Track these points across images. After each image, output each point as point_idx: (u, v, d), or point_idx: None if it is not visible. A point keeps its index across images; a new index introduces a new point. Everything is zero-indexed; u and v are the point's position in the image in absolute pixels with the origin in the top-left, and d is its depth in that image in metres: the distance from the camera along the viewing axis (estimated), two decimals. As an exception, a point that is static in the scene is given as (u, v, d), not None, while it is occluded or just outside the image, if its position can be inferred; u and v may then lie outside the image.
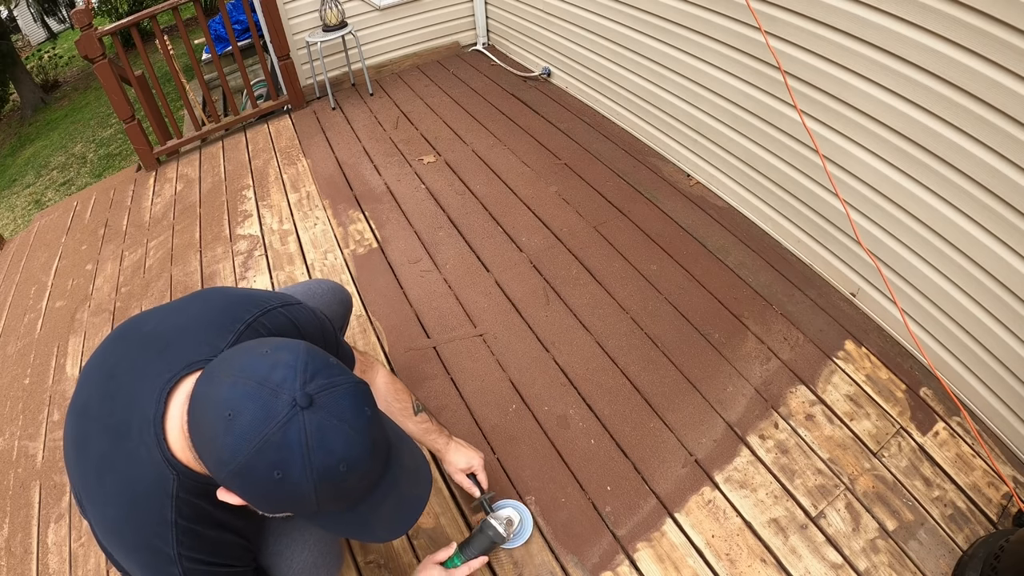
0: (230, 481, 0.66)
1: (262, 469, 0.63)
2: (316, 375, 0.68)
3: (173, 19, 3.19)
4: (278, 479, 0.64)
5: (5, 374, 2.16)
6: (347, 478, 0.67)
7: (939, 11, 1.40)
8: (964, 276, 1.59)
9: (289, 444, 0.63)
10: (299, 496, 0.66)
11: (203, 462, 0.69)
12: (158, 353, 0.82)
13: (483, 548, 1.32)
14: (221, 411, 0.64)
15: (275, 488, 0.64)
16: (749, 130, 2.15)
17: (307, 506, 0.68)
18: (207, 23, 3.17)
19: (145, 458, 0.76)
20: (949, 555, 1.39)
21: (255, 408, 0.63)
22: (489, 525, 1.33)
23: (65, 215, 3.08)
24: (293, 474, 0.63)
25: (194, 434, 0.70)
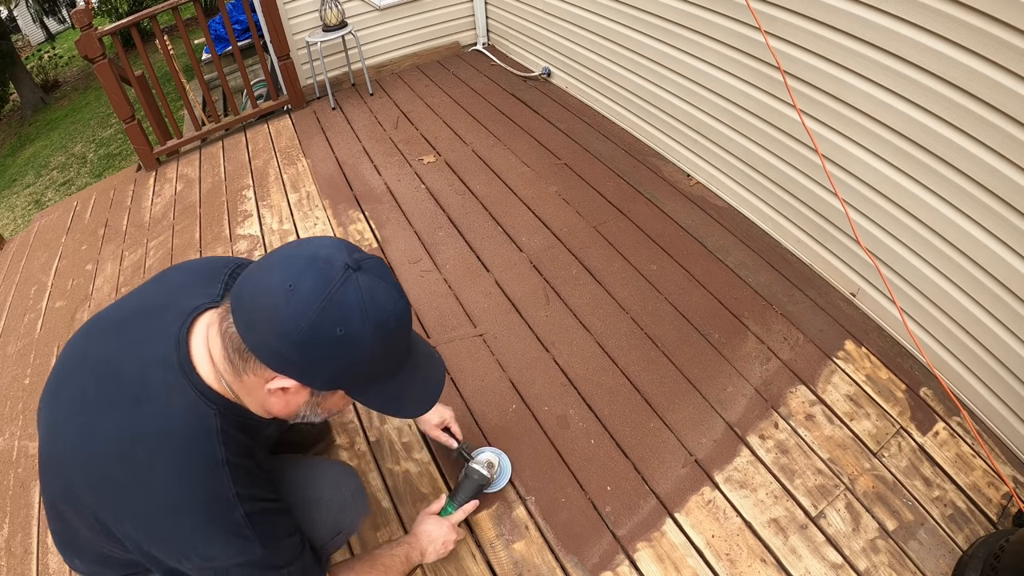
0: (293, 352, 0.69)
1: (326, 328, 0.68)
2: (354, 250, 0.74)
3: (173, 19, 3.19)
4: (341, 336, 0.69)
5: (5, 374, 2.16)
6: (395, 334, 0.75)
7: (939, 11, 1.40)
8: (964, 276, 1.59)
9: (348, 302, 0.68)
10: (358, 355, 0.71)
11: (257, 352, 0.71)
12: (154, 319, 0.83)
13: (471, 492, 1.41)
14: (280, 287, 0.68)
15: (338, 347, 0.69)
16: (749, 130, 2.15)
17: (362, 369, 0.74)
18: (207, 23, 3.17)
19: (178, 406, 0.76)
20: (949, 555, 1.39)
21: (314, 275, 0.68)
22: (472, 470, 1.42)
23: (65, 215, 3.08)
24: (354, 328, 0.69)
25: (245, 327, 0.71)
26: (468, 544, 1.45)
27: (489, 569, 1.40)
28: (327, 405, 0.82)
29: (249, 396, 0.79)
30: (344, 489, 1.10)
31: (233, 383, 0.78)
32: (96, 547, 0.88)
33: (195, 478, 0.76)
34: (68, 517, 0.85)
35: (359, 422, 1.74)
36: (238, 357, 0.74)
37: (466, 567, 1.41)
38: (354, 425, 1.73)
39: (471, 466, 1.43)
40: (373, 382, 0.78)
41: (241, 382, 0.77)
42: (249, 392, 0.78)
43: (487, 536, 1.46)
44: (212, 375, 0.78)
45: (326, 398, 0.80)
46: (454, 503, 1.38)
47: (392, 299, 0.73)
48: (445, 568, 1.41)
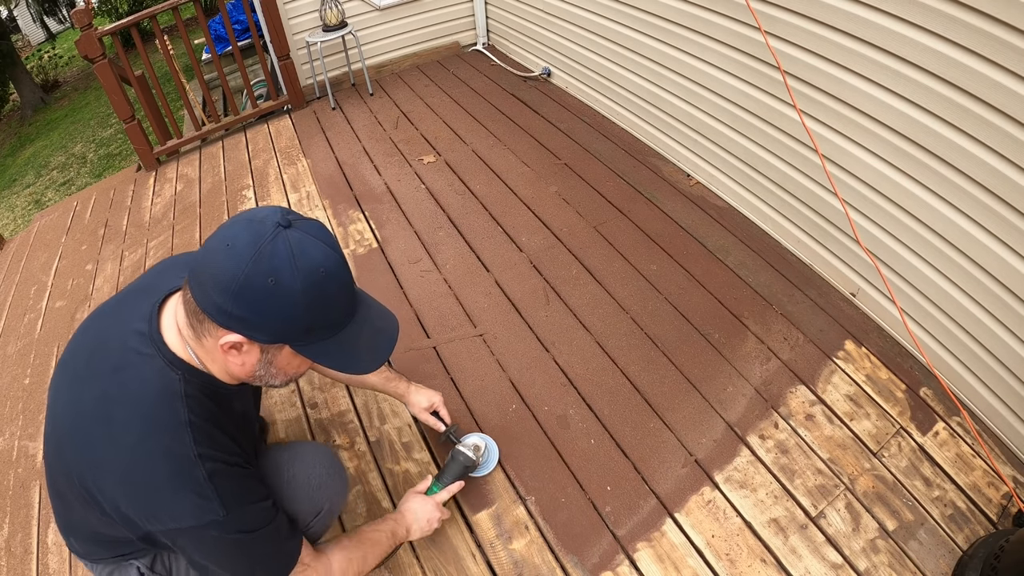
0: (233, 306, 0.75)
1: (259, 278, 0.74)
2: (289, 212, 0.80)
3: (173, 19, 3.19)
4: (272, 286, 0.74)
5: (5, 374, 2.16)
6: (326, 284, 0.78)
7: (939, 11, 1.40)
8: (964, 276, 1.59)
9: (278, 253, 0.74)
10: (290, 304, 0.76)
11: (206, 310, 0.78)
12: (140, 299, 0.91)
13: (457, 474, 1.42)
14: (220, 246, 0.76)
15: (270, 297, 0.75)
16: (749, 130, 2.15)
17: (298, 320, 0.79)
18: (207, 23, 3.17)
19: (148, 371, 0.83)
20: (949, 555, 1.39)
21: (248, 234, 0.75)
22: (459, 452, 1.44)
23: (65, 215, 3.08)
24: (284, 278, 0.74)
25: (197, 289, 0.78)
26: (468, 544, 1.45)
27: (489, 569, 1.40)
28: (279, 363, 0.86)
29: (212, 361, 0.86)
30: (319, 467, 1.13)
31: (197, 350, 0.85)
32: (88, 524, 0.93)
33: (160, 437, 0.81)
34: (64, 491, 0.92)
35: (359, 422, 1.74)
36: (196, 320, 0.81)
37: (466, 567, 1.41)
38: (354, 425, 1.73)
39: (458, 448, 1.45)
40: (314, 336, 0.82)
41: (203, 347, 0.84)
42: (211, 356, 0.85)
43: (487, 536, 1.46)
44: (179, 344, 0.85)
45: (275, 355, 0.84)
46: (440, 483, 1.40)
47: (322, 252, 0.78)
48: (445, 568, 1.41)
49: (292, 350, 0.84)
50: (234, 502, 0.84)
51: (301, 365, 0.89)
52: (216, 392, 0.88)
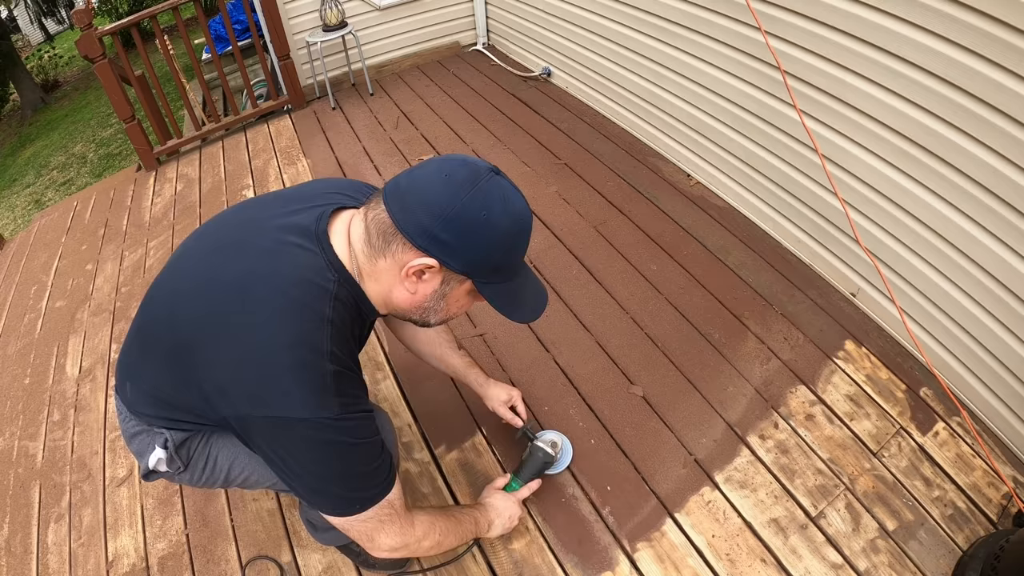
0: (441, 229, 0.78)
1: (474, 210, 0.78)
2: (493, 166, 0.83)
3: (173, 19, 3.19)
4: (484, 219, 0.78)
5: (5, 374, 2.16)
6: (523, 232, 0.84)
7: (939, 11, 1.40)
8: (964, 276, 1.59)
9: (493, 193, 0.79)
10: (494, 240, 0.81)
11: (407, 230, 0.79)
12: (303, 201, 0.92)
13: (536, 470, 1.44)
14: (437, 175, 0.79)
15: (480, 228, 0.79)
16: (749, 130, 2.15)
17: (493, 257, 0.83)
18: (207, 23, 3.17)
19: (305, 264, 0.84)
20: (949, 555, 1.39)
21: (466, 170, 0.80)
22: (538, 448, 1.45)
23: (65, 215, 3.08)
24: (495, 215, 0.79)
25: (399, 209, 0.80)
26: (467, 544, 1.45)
27: (489, 569, 1.40)
28: (451, 298, 0.88)
29: (376, 283, 0.86)
30: None
31: (365, 266, 0.86)
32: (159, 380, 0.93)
33: (300, 324, 0.81)
34: (155, 342, 0.92)
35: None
36: (382, 240, 0.82)
37: (466, 567, 1.41)
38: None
39: (536, 444, 1.46)
40: (496, 276, 0.86)
41: (374, 267, 0.84)
42: (378, 278, 0.86)
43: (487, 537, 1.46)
44: (345, 253, 0.86)
45: (453, 288, 0.86)
46: (519, 479, 1.40)
47: (523, 202, 0.84)
48: (445, 568, 1.41)
49: (471, 286, 0.87)
50: (349, 406, 0.83)
51: (464, 306, 0.93)
52: (360, 309, 0.89)
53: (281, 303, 0.81)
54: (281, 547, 1.48)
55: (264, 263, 0.84)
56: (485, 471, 1.59)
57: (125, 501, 1.65)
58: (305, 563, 1.44)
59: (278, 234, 0.86)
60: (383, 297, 0.88)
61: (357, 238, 0.85)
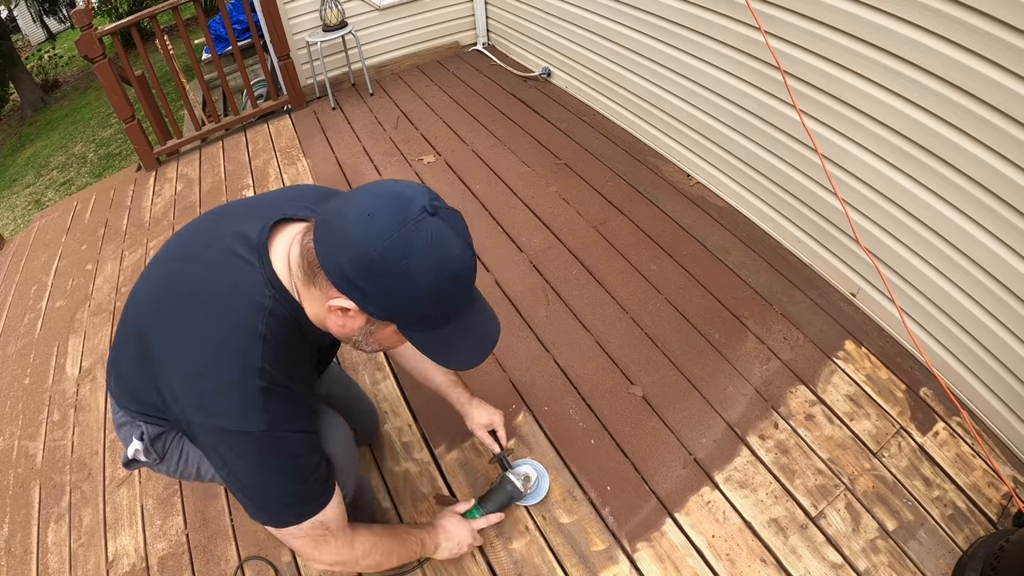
0: (358, 276, 0.75)
1: (392, 259, 0.72)
2: (436, 198, 0.77)
3: (173, 19, 3.19)
4: (403, 269, 0.73)
5: (5, 374, 2.16)
6: (453, 283, 0.78)
7: (939, 11, 1.40)
8: (964, 276, 1.59)
9: (417, 240, 0.73)
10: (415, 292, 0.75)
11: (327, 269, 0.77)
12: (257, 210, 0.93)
13: (501, 502, 1.40)
14: (361, 213, 0.74)
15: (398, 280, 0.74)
16: (749, 130, 2.15)
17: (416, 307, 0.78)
18: (207, 23, 3.17)
19: (246, 275, 0.85)
20: (949, 555, 1.39)
21: (393, 211, 0.73)
22: (507, 480, 1.41)
23: (65, 215, 3.08)
24: (415, 266, 0.73)
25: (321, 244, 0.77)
26: (468, 544, 1.45)
27: (489, 569, 1.40)
28: (379, 336, 0.86)
29: (311, 304, 0.86)
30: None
31: (301, 288, 0.85)
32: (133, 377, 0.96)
33: (234, 339, 0.83)
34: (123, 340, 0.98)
35: (359, 422, 1.74)
36: (310, 270, 0.81)
37: (466, 567, 1.41)
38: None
39: (507, 475, 1.42)
40: (424, 324, 0.83)
41: (308, 292, 0.84)
42: (312, 301, 0.85)
43: (487, 536, 1.46)
44: (284, 271, 0.86)
45: (379, 329, 0.84)
46: (481, 508, 1.38)
47: (459, 249, 0.76)
48: (445, 568, 1.41)
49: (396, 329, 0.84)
50: (279, 423, 0.84)
51: (397, 342, 0.90)
52: (298, 324, 0.89)
53: (218, 318, 0.84)
54: (281, 547, 1.48)
55: (210, 275, 0.87)
56: (485, 471, 1.59)
57: (125, 501, 1.65)
58: (305, 563, 1.44)
59: (228, 243, 0.88)
60: (318, 319, 0.88)
61: (293, 260, 0.85)
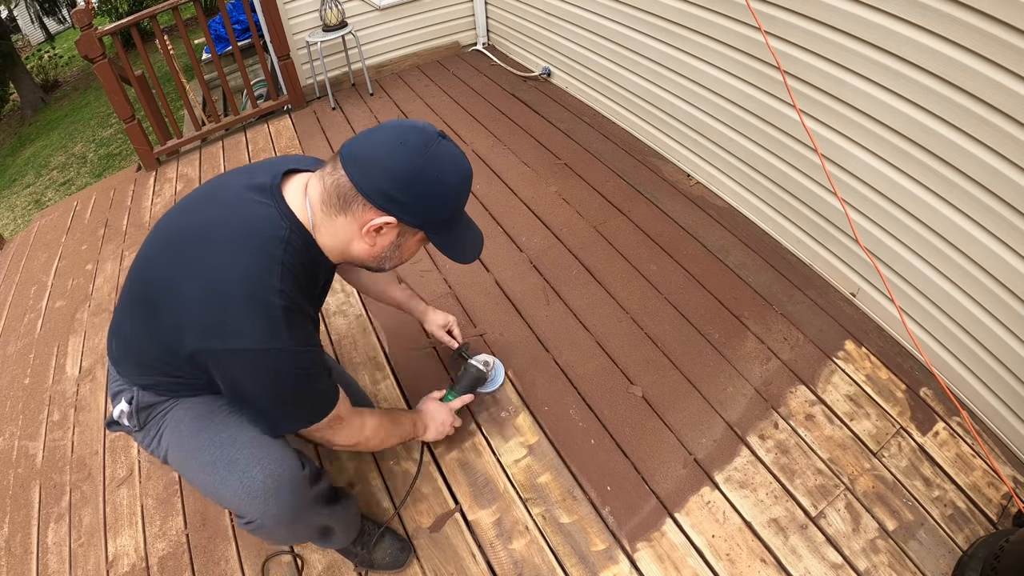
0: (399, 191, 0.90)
1: (428, 172, 0.91)
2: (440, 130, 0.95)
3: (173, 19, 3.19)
4: (437, 178, 0.92)
5: (5, 374, 2.16)
6: (467, 187, 0.99)
7: (939, 11, 1.40)
8: (964, 276, 1.59)
9: (443, 156, 0.92)
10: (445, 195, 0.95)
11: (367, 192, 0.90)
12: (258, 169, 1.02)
13: (469, 384, 1.60)
14: (393, 142, 0.90)
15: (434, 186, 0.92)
16: (749, 130, 2.15)
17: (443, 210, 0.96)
18: (207, 23, 3.17)
19: (259, 211, 0.93)
20: (949, 555, 1.39)
21: (418, 136, 0.91)
22: (471, 365, 1.62)
23: (65, 215, 3.08)
24: (446, 174, 0.93)
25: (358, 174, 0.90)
26: (468, 544, 1.45)
27: (489, 569, 1.41)
28: (404, 248, 1.02)
29: (332, 236, 0.97)
30: None
31: (321, 222, 0.96)
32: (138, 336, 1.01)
33: (253, 264, 0.89)
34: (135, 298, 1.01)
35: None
36: (341, 201, 0.92)
37: (466, 567, 1.41)
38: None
39: (470, 362, 1.63)
40: (446, 227, 1.00)
41: (333, 223, 0.95)
42: (335, 233, 0.96)
43: (487, 536, 1.46)
44: (299, 206, 0.96)
45: (407, 240, 0.99)
46: (454, 392, 1.56)
47: (466, 161, 0.97)
48: (445, 568, 1.41)
49: (423, 236, 1.00)
50: (298, 339, 0.92)
51: (414, 252, 1.07)
52: (312, 256, 0.98)
53: (237, 246, 0.90)
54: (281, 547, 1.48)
55: (224, 214, 0.94)
56: (484, 471, 1.59)
57: (125, 501, 1.65)
58: (305, 562, 1.44)
59: (238, 192, 0.96)
60: (339, 249, 0.99)
61: (315, 197, 0.95)
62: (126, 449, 1.77)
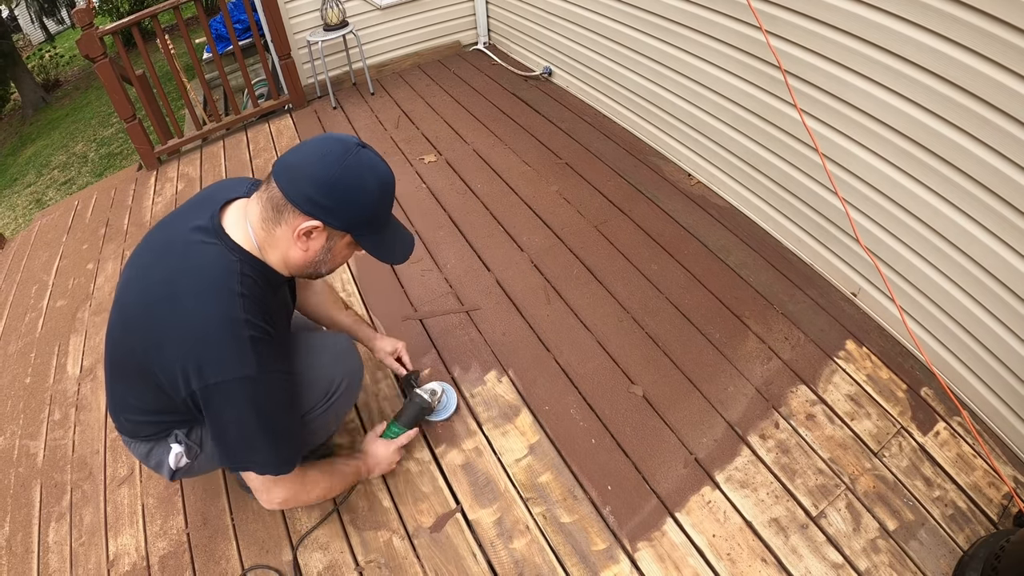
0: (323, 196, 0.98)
1: (348, 178, 0.99)
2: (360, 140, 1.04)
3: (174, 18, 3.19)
4: (356, 184, 1.00)
5: (6, 373, 2.16)
6: (388, 192, 1.06)
7: (940, 10, 1.40)
8: (964, 275, 1.58)
9: (362, 163, 1.01)
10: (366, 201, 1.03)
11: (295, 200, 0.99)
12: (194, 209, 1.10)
13: (413, 416, 1.55)
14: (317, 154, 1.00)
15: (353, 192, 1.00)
16: (750, 129, 2.15)
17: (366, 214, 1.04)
18: (208, 22, 3.17)
19: (210, 254, 1.02)
20: (950, 555, 1.39)
21: (339, 147, 1.00)
22: (417, 395, 1.56)
23: (66, 214, 3.08)
24: (365, 181, 1.01)
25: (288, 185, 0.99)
26: (469, 543, 1.45)
27: (490, 569, 1.41)
28: (335, 251, 1.09)
29: (275, 249, 1.05)
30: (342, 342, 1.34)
31: (264, 239, 1.05)
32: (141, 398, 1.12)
33: (217, 302, 0.99)
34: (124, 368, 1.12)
35: (359, 422, 1.74)
36: (275, 212, 1.01)
37: (466, 567, 1.41)
38: (355, 425, 1.73)
39: (416, 392, 1.57)
40: (371, 228, 1.07)
41: (272, 236, 1.04)
42: (276, 245, 1.05)
43: (487, 536, 1.46)
44: (241, 236, 1.05)
45: (336, 243, 1.07)
46: (398, 425, 1.53)
47: (386, 168, 1.05)
48: (445, 568, 1.41)
49: (351, 239, 1.07)
50: (267, 365, 1.02)
51: (347, 256, 1.13)
52: (267, 277, 1.07)
53: (201, 290, 1.00)
54: (282, 547, 1.48)
55: (182, 262, 1.03)
56: (485, 471, 1.59)
57: (126, 500, 1.65)
58: (305, 563, 1.45)
59: (184, 240, 1.04)
60: (283, 261, 1.07)
61: (254, 219, 1.04)
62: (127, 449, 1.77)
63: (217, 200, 1.09)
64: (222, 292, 1.00)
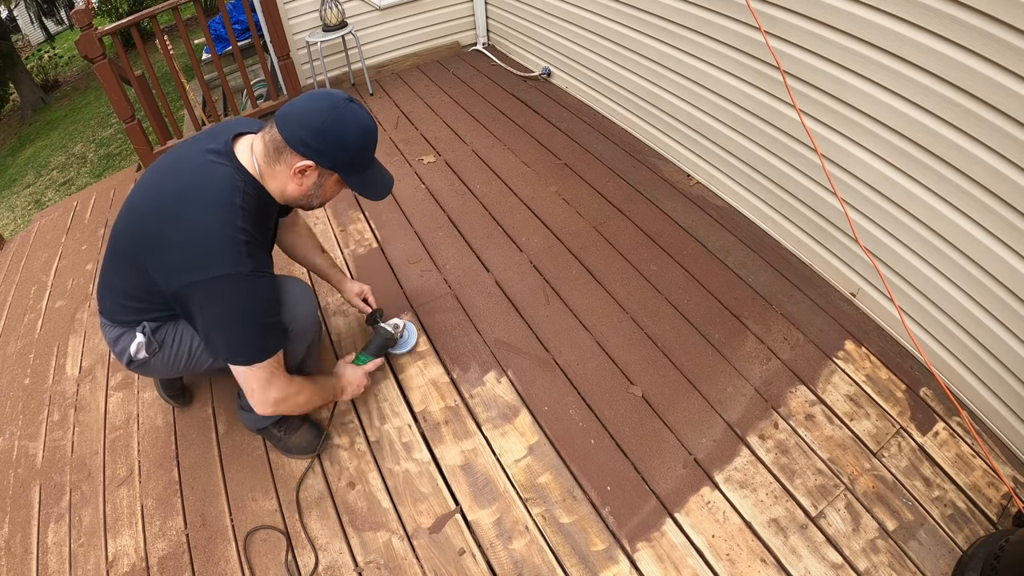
0: (314, 139, 1.17)
1: (336, 125, 1.18)
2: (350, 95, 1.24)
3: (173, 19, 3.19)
4: (342, 129, 1.18)
5: (5, 374, 2.16)
6: (370, 138, 1.25)
7: (939, 11, 1.40)
8: (963, 276, 1.59)
9: (348, 113, 1.19)
10: (351, 144, 1.21)
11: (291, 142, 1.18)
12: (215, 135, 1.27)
13: (379, 346, 1.72)
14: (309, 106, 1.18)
15: (340, 137, 1.19)
16: (749, 130, 2.15)
17: (351, 156, 1.23)
18: (207, 23, 3.16)
19: (220, 171, 1.20)
20: (949, 555, 1.39)
21: (330, 99, 1.19)
22: (381, 328, 1.74)
23: (65, 215, 3.08)
24: (348, 127, 1.19)
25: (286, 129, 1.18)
26: (468, 544, 1.45)
27: (489, 569, 1.41)
28: (325, 187, 1.28)
29: (274, 181, 1.25)
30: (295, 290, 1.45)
31: (266, 170, 1.24)
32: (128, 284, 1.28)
33: (220, 211, 1.16)
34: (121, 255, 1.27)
35: (359, 422, 1.74)
36: (276, 151, 1.21)
37: (466, 567, 1.41)
38: (354, 425, 1.73)
39: (380, 325, 1.74)
40: (356, 168, 1.26)
41: (272, 170, 1.23)
42: (275, 178, 1.24)
43: (487, 536, 1.46)
44: (248, 162, 1.24)
45: (326, 180, 1.26)
46: (365, 354, 1.70)
47: (370, 118, 1.24)
48: (445, 568, 1.41)
49: (339, 178, 1.26)
50: (257, 266, 1.19)
51: (336, 191, 1.31)
52: (262, 199, 1.26)
53: (209, 200, 1.16)
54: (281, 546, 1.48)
55: (195, 177, 1.20)
56: (484, 471, 1.59)
57: (125, 501, 1.65)
58: (305, 563, 1.44)
59: (202, 156, 1.22)
60: (280, 191, 1.27)
61: (259, 152, 1.23)
62: (126, 449, 1.77)
63: (232, 130, 1.28)
64: (227, 204, 1.16)
